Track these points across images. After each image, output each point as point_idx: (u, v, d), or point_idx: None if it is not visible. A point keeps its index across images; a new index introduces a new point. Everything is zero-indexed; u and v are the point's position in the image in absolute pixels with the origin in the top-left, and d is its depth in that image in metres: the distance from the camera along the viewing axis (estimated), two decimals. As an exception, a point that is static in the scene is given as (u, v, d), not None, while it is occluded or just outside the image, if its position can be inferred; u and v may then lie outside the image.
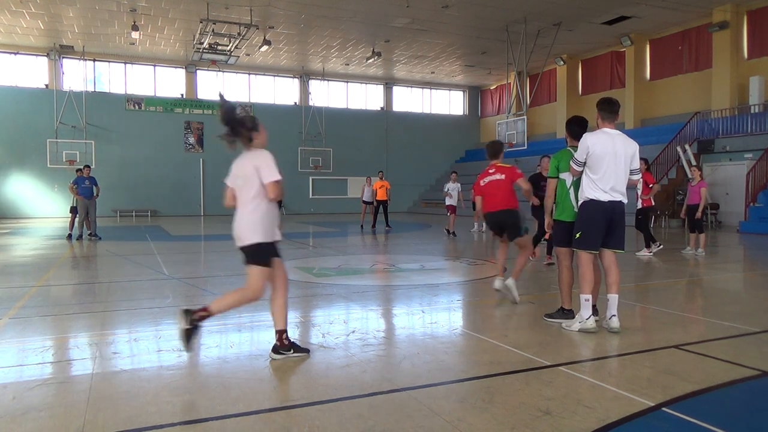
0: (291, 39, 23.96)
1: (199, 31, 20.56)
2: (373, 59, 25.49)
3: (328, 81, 30.94)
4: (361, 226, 17.70)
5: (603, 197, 4.60)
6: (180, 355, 4.07)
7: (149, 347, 4.33)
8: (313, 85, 30.54)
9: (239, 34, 20.25)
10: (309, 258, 10.28)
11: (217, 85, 28.43)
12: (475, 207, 19.65)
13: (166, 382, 3.51)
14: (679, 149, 19.72)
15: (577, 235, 4.73)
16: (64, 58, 25.65)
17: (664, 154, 20.23)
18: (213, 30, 19.77)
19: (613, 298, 4.67)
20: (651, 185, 10.73)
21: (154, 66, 27.52)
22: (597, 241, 4.69)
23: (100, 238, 13.81)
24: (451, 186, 16.18)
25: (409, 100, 33.47)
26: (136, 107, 26.98)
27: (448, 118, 34.37)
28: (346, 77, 31.07)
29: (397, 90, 33.01)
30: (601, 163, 4.59)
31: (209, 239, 15.58)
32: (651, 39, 23.48)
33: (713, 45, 20.63)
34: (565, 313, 5.02)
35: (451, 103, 34.77)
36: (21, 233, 16.43)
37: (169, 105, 27.58)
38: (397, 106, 33.07)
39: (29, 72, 25.56)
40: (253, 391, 3.35)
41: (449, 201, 15.98)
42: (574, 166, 4.77)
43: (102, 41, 23.96)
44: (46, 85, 25.56)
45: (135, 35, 21.80)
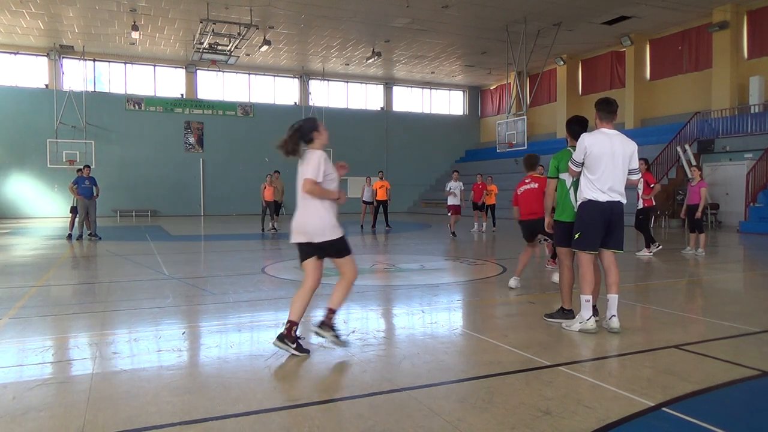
0: (291, 39, 23.95)
1: (199, 31, 20.55)
2: (373, 59, 25.48)
3: (328, 81, 30.93)
4: (361, 226, 17.70)
5: (601, 198, 4.59)
6: (180, 355, 4.08)
7: (149, 347, 4.33)
8: (313, 85, 30.54)
9: (239, 34, 20.24)
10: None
11: (219, 86, 28.44)
12: (474, 207, 19.41)
13: (166, 382, 3.51)
14: (679, 149, 19.71)
15: (576, 235, 4.72)
16: (64, 58, 25.64)
17: (664, 154, 20.22)
18: (213, 30, 19.76)
19: (613, 299, 4.66)
20: (652, 185, 10.71)
21: (154, 66, 27.51)
22: (596, 241, 4.67)
23: (100, 238, 13.81)
24: (453, 185, 15.69)
25: (409, 100, 33.46)
26: (136, 107, 26.97)
27: (448, 118, 34.36)
28: (346, 77, 31.07)
29: (397, 90, 33.00)
30: (599, 163, 4.57)
31: (209, 239, 15.57)
32: (651, 39, 23.47)
33: (713, 45, 20.63)
34: (566, 313, 5.02)
35: (451, 103, 34.76)
36: (21, 233, 16.43)
37: (169, 105, 27.58)
38: (397, 106, 33.06)
39: (29, 72, 25.55)
40: (253, 391, 3.35)
41: (452, 200, 15.51)
42: (572, 166, 4.75)
43: (102, 41, 23.95)
44: (46, 85, 25.55)
45: (135, 35, 21.79)
